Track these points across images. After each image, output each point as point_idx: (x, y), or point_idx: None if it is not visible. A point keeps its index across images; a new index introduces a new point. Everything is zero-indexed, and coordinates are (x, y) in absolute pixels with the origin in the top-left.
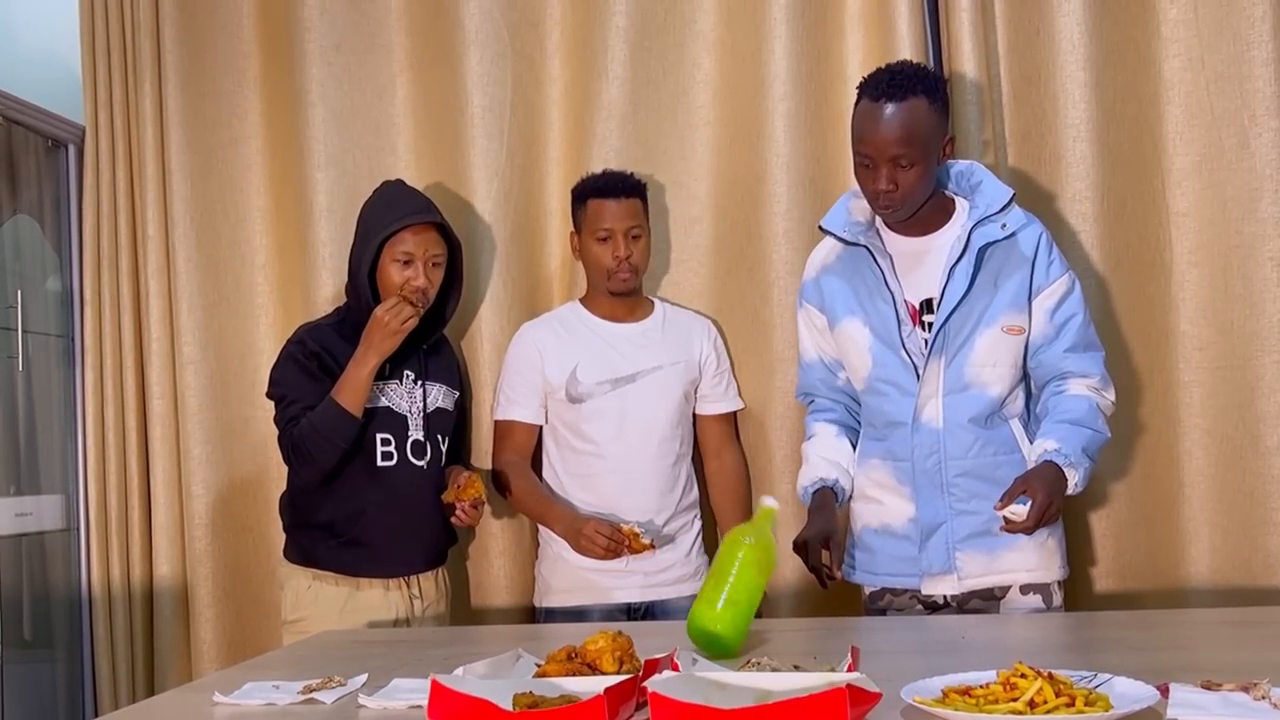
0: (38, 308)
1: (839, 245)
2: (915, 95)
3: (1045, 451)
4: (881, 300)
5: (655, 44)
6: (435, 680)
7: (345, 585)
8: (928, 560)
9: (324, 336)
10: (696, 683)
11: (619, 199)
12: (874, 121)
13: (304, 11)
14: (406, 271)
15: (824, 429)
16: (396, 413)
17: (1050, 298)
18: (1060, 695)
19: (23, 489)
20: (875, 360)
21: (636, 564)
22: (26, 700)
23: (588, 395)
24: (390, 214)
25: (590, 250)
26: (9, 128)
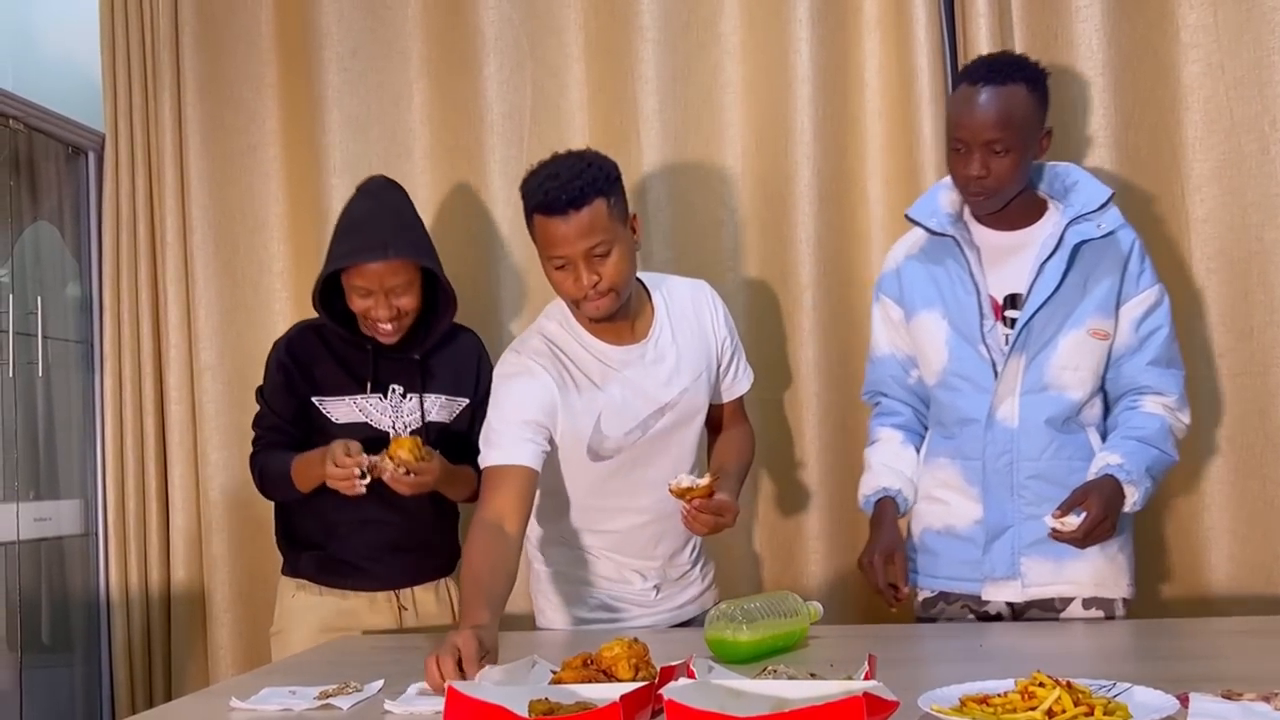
0: (58, 314)
1: (924, 236)
2: (1015, 82)
3: (1107, 465)
4: (964, 292)
5: (680, 44)
6: (452, 687)
7: (330, 596)
8: (991, 564)
9: (303, 345)
10: (712, 690)
11: (566, 215)
12: (970, 105)
13: (321, 19)
14: (367, 301)
15: (889, 434)
16: (375, 429)
17: (1138, 307)
18: (1079, 704)
19: (42, 494)
20: (952, 354)
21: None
22: (45, 704)
23: (617, 450)
24: (343, 244)
25: (550, 275)
26: (30, 135)
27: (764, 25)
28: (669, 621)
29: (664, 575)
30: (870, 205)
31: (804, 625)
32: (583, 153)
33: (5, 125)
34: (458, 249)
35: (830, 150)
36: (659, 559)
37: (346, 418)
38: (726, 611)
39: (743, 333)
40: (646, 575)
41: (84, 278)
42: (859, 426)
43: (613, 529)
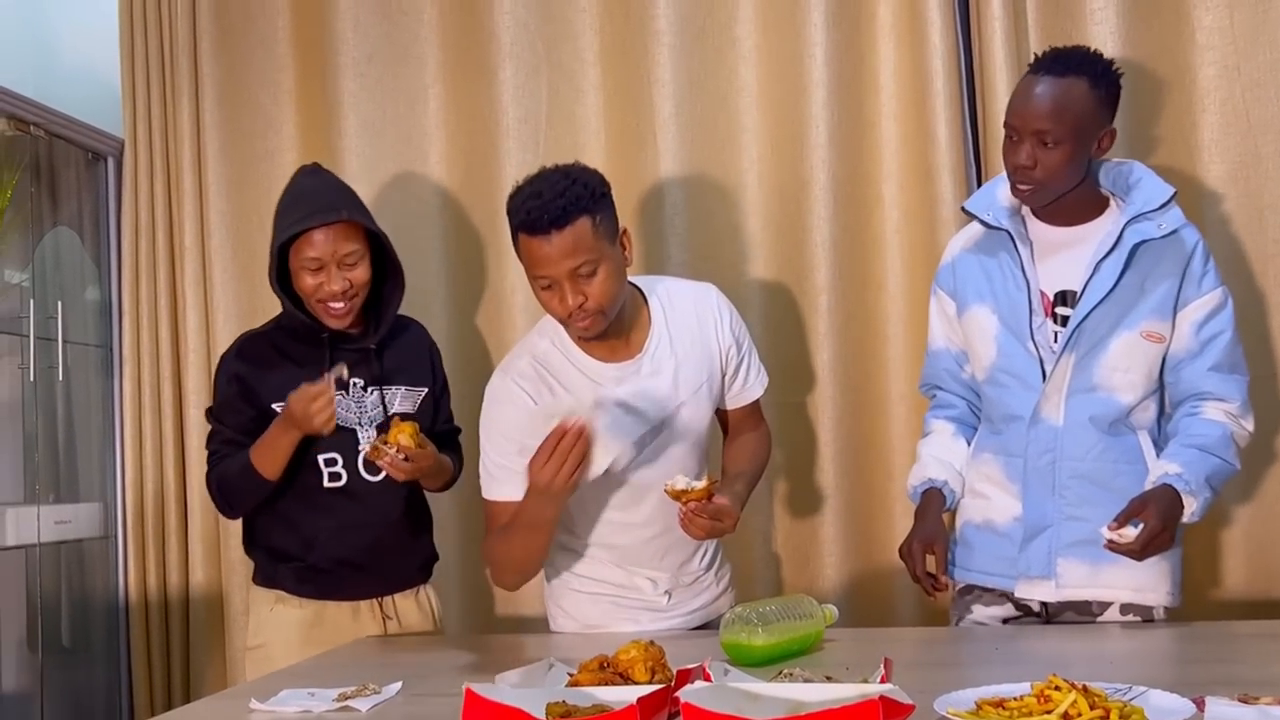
0: (77, 318)
1: (981, 229)
2: (1075, 75)
3: (1166, 475)
4: (1015, 287)
5: (696, 49)
6: (469, 689)
7: (310, 608)
8: (1026, 562)
9: (253, 352)
10: (729, 693)
11: (549, 234)
12: (1025, 93)
13: (337, 24)
14: (319, 277)
15: (941, 426)
16: (343, 428)
17: (1199, 310)
18: (1095, 708)
19: (62, 497)
20: (1000, 350)
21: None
22: (65, 705)
23: (619, 481)
24: (287, 218)
25: (537, 294)
26: (50, 141)
27: (779, 30)
28: (682, 627)
29: (675, 581)
30: (886, 208)
31: (819, 628)
32: (568, 168)
33: (26, 132)
34: (473, 253)
35: (846, 153)
36: (668, 569)
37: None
38: (742, 615)
39: (759, 336)
40: (657, 582)
41: (103, 282)
42: (876, 429)
43: (617, 542)
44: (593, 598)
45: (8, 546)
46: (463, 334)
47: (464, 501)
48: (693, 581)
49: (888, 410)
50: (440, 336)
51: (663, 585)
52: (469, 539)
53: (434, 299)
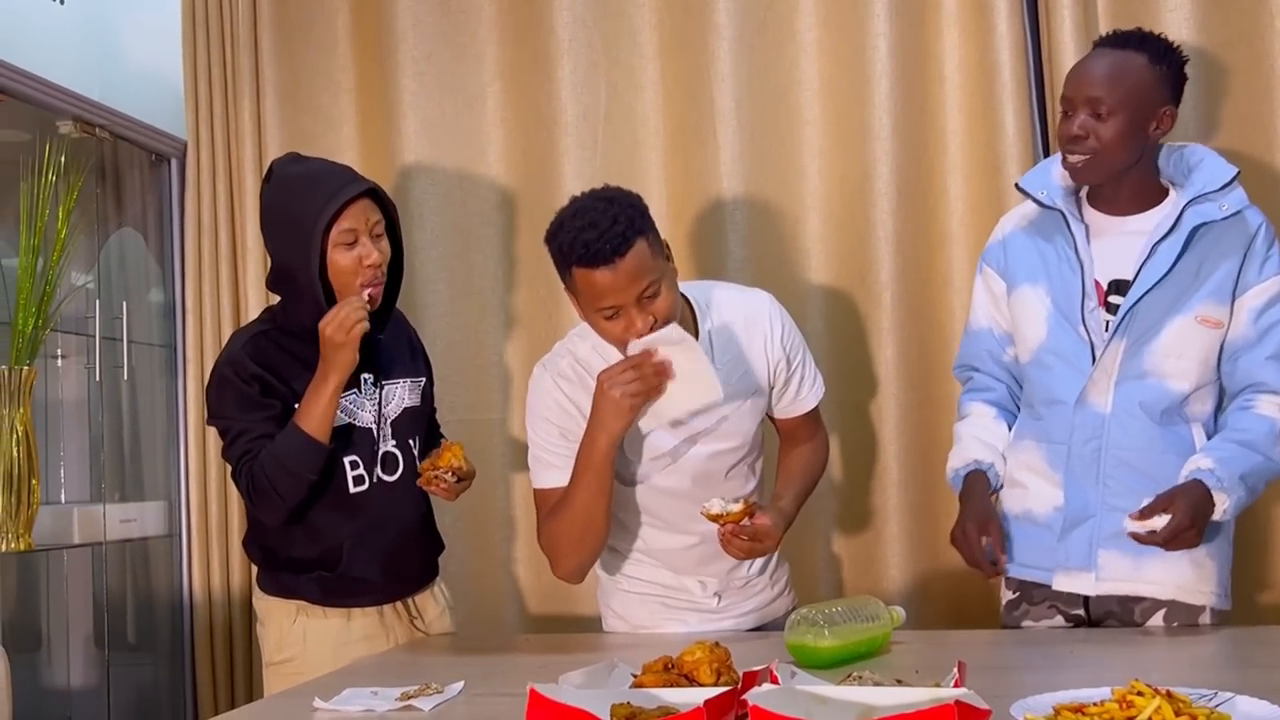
0: (142, 318)
1: (1034, 209)
2: (1135, 49)
3: (1198, 469)
4: (1069, 269)
5: (757, 42)
6: (534, 689)
7: (336, 617)
8: (1066, 553)
9: (262, 351)
10: (797, 696)
11: (612, 263)
12: (1082, 63)
13: (396, 23)
14: (356, 251)
15: (981, 409)
16: (360, 428)
17: (1259, 297)
18: (1180, 714)
19: (128, 495)
20: (1050, 331)
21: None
22: (131, 702)
23: (644, 478)
24: (320, 195)
25: (596, 324)
26: (115, 143)
27: (841, 22)
28: (735, 629)
29: (726, 585)
30: (950, 201)
31: (887, 630)
32: (606, 193)
33: (92, 134)
34: (532, 251)
35: (909, 147)
36: (716, 574)
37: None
38: (808, 616)
39: (819, 333)
40: (706, 584)
41: (167, 283)
42: (940, 428)
43: (661, 547)
44: (642, 598)
45: (75, 544)
46: (520, 332)
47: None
48: (744, 585)
49: (951, 408)
50: (498, 335)
51: (712, 588)
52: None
53: (491, 297)
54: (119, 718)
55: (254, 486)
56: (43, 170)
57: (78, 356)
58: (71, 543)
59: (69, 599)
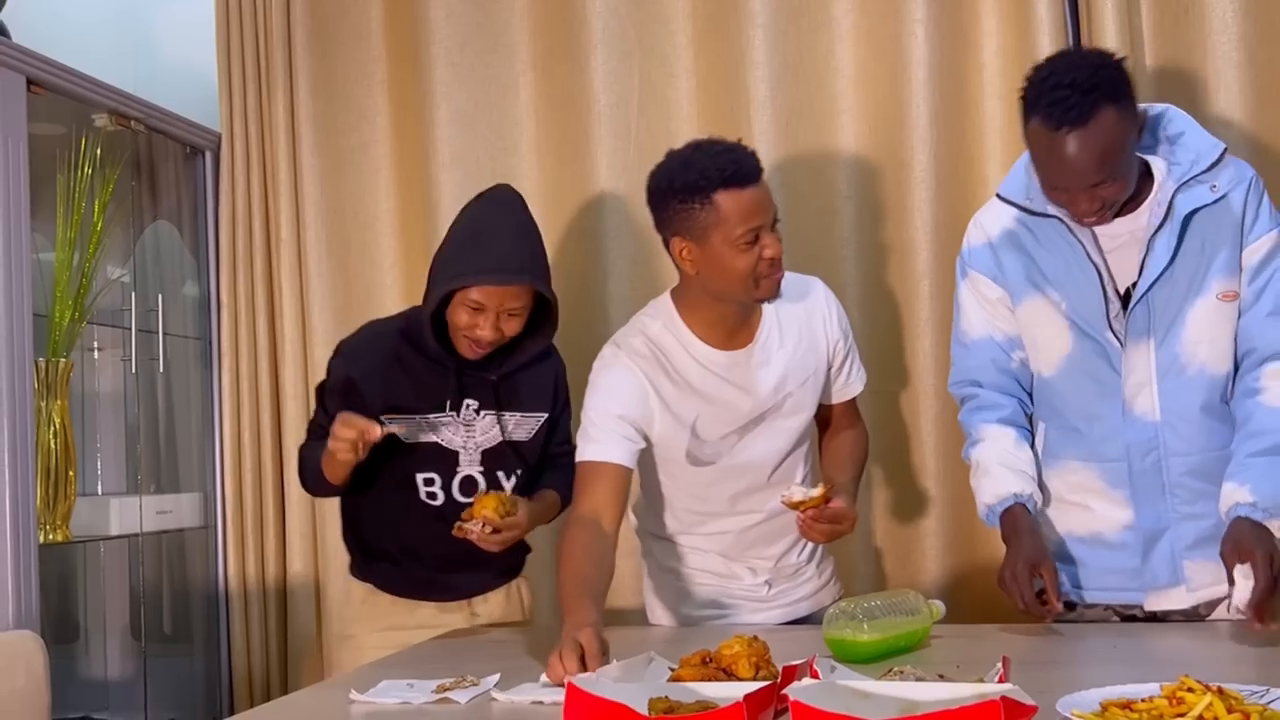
0: (177, 311)
1: (1009, 212)
2: (1097, 110)
3: (1237, 506)
4: (1081, 275)
5: (792, 29)
6: (571, 683)
7: (402, 604)
8: (1153, 573)
9: (371, 354)
10: (838, 691)
11: (756, 184)
12: (1059, 158)
13: (429, 14)
14: (476, 318)
15: (997, 431)
16: (446, 449)
17: (1254, 254)
18: (1232, 711)
19: (163, 487)
20: (1074, 341)
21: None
22: (168, 693)
23: (716, 457)
24: (466, 261)
25: (725, 261)
26: (150, 136)
27: (877, 7)
28: (782, 618)
29: (776, 572)
30: (989, 189)
31: (926, 624)
32: (724, 140)
33: (127, 127)
34: (564, 242)
35: (947, 134)
36: (770, 558)
37: (411, 436)
38: (847, 610)
39: (857, 323)
40: (757, 571)
41: (202, 276)
42: None
43: (719, 530)
44: (692, 588)
45: (112, 536)
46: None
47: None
48: (794, 573)
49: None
50: None
51: (762, 575)
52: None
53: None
54: (155, 708)
55: (299, 465)
56: (79, 164)
57: (113, 349)
58: (108, 534)
59: (106, 590)
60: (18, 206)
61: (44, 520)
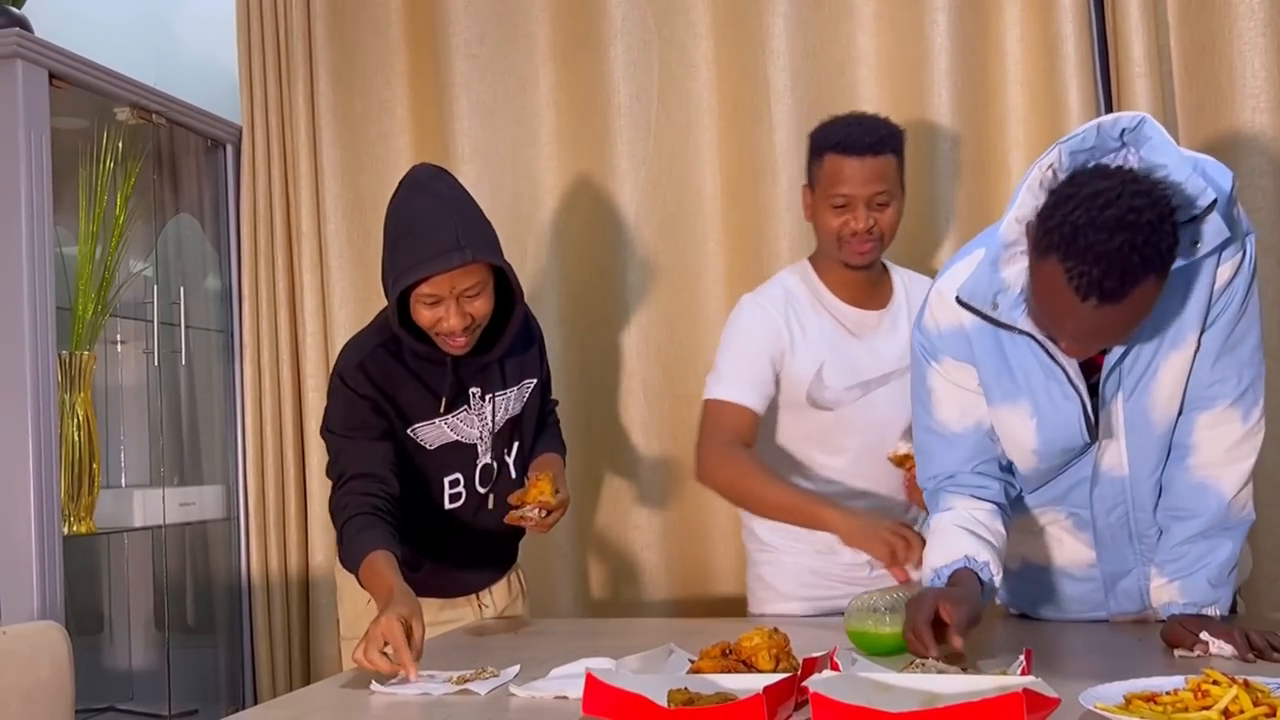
0: (199, 304)
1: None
2: (1135, 287)
3: (1170, 605)
4: (1061, 395)
5: (812, 18)
6: (590, 674)
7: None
8: (1118, 604)
9: (379, 369)
10: (859, 684)
11: (862, 157)
12: (1077, 323)
13: (449, 5)
14: (436, 311)
15: (971, 503)
16: (465, 444)
17: (1218, 310)
18: (1259, 704)
19: (186, 479)
20: (1042, 458)
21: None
22: (190, 683)
23: (837, 403)
24: (405, 256)
25: (821, 216)
26: (171, 129)
27: None
28: None
29: None
30: (1012, 178)
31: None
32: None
33: (149, 120)
34: (584, 233)
35: (970, 122)
36: None
37: (438, 441)
38: (869, 602)
39: None
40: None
41: (223, 268)
42: None
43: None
44: (795, 568)
45: (135, 528)
46: (573, 315)
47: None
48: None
49: None
50: (551, 317)
51: (864, 554)
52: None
53: (545, 279)
54: (179, 699)
55: (334, 521)
56: (101, 157)
57: (136, 342)
58: (132, 526)
59: (129, 581)
60: (41, 200)
61: (68, 512)
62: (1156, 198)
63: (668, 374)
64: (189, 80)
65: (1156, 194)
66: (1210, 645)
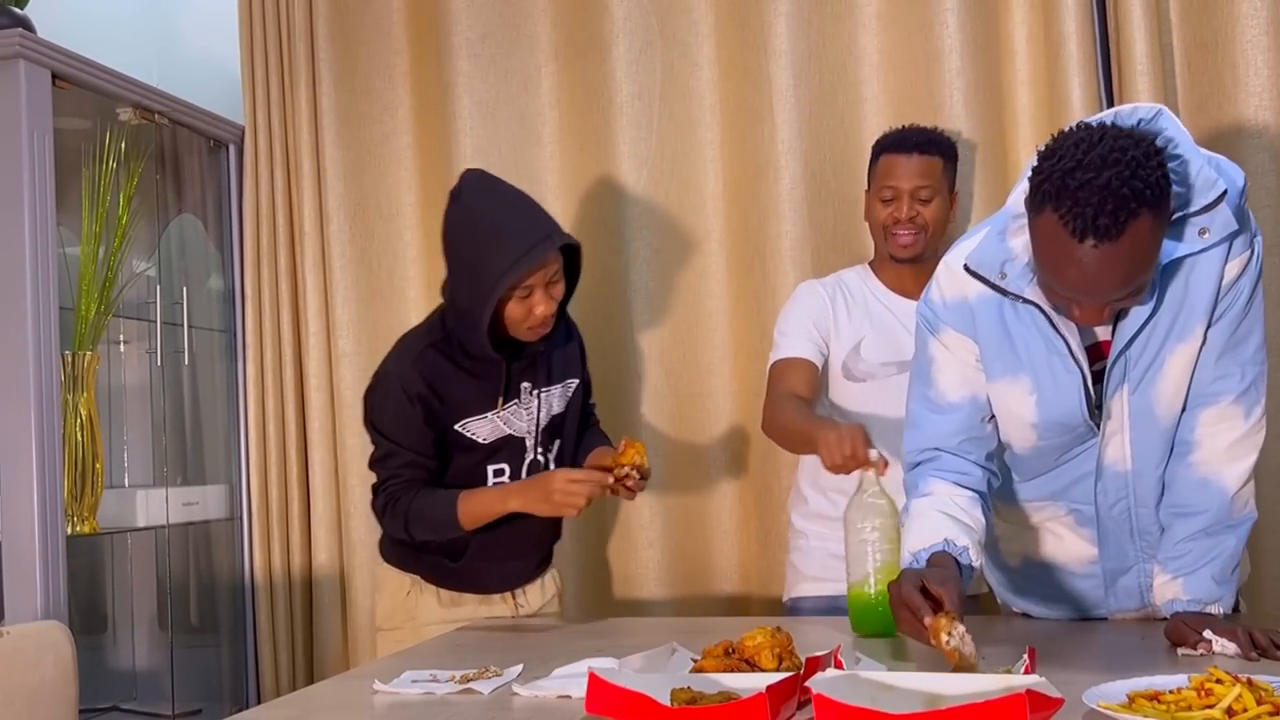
0: (202, 304)
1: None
2: (1132, 224)
3: (1173, 602)
4: (1062, 367)
5: (815, 16)
6: (593, 673)
7: (447, 596)
8: (1117, 600)
9: (431, 367)
10: (861, 684)
11: (909, 154)
12: (1083, 274)
13: (451, 5)
14: (529, 302)
15: (951, 489)
16: (515, 437)
17: (1225, 305)
18: (1262, 702)
19: (189, 479)
20: (1041, 435)
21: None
22: (194, 682)
23: (869, 376)
24: (504, 254)
25: (873, 210)
26: (174, 129)
27: None
28: None
29: None
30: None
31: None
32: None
33: (151, 120)
34: (587, 233)
35: (977, 123)
36: None
37: (491, 435)
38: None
39: None
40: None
41: (226, 268)
42: None
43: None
44: (820, 554)
45: (139, 528)
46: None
47: None
48: None
49: None
50: None
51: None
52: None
53: None
54: (182, 698)
55: (389, 512)
56: (104, 158)
57: (139, 342)
58: (135, 526)
59: (133, 581)
60: (44, 200)
61: (71, 512)
62: (1139, 138)
63: (670, 373)
64: (192, 80)
65: (1138, 134)
66: (1213, 644)
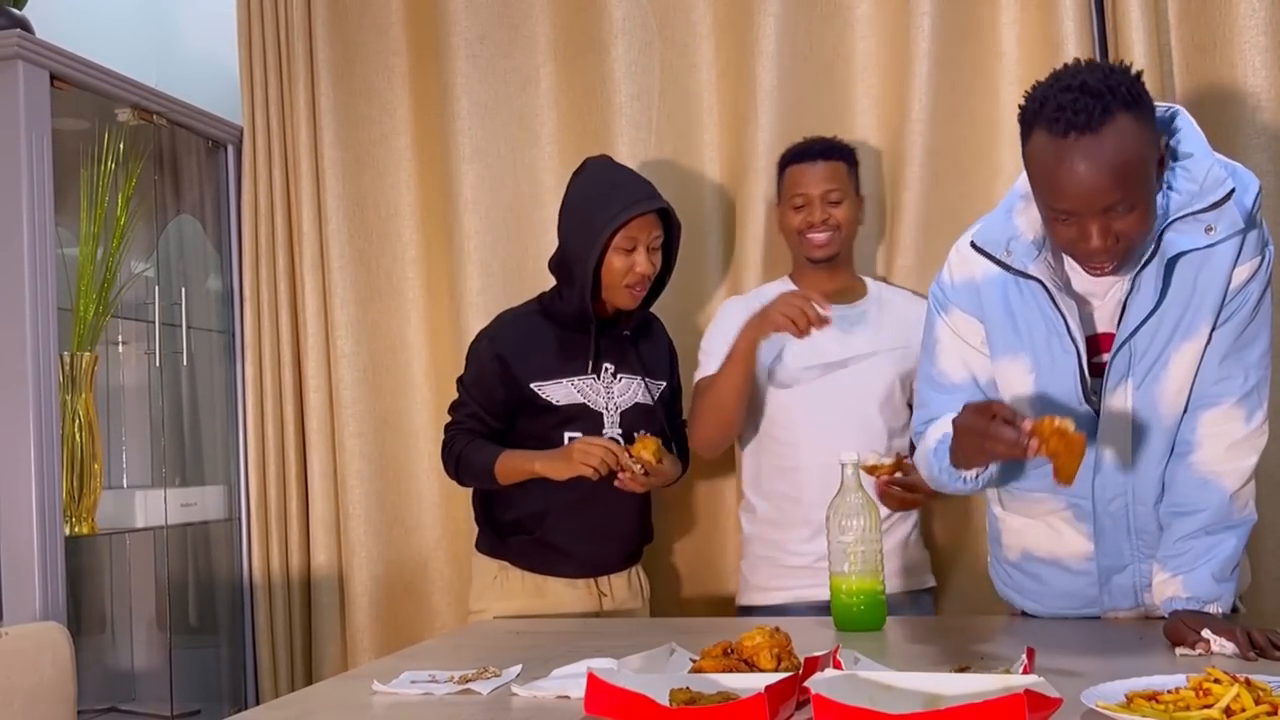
0: (200, 304)
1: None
2: (1112, 117)
3: (1172, 600)
4: (1060, 347)
5: (803, 18)
6: (592, 673)
7: (531, 580)
8: (1111, 599)
9: (515, 330)
10: (860, 684)
11: (814, 162)
12: (1067, 170)
13: (449, 5)
14: (631, 258)
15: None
16: (592, 409)
17: (1233, 305)
18: (1260, 702)
19: (188, 480)
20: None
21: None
22: (194, 684)
23: (794, 381)
24: (615, 202)
25: (785, 219)
26: (172, 130)
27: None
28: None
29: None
30: (1006, 180)
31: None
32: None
33: (150, 121)
34: None
35: (957, 125)
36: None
37: (566, 399)
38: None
39: None
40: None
41: (224, 269)
42: None
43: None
44: (764, 563)
45: (137, 528)
46: None
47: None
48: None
49: None
50: None
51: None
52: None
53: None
54: (181, 699)
55: (446, 453)
56: (102, 158)
57: (138, 342)
58: (134, 526)
59: (132, 582)
60: (42, 201)
61: (70, 513)
62: (1124, 66)
63: None
64: (190, 81)
65: (1124, 67)
66: (1212, 643)
